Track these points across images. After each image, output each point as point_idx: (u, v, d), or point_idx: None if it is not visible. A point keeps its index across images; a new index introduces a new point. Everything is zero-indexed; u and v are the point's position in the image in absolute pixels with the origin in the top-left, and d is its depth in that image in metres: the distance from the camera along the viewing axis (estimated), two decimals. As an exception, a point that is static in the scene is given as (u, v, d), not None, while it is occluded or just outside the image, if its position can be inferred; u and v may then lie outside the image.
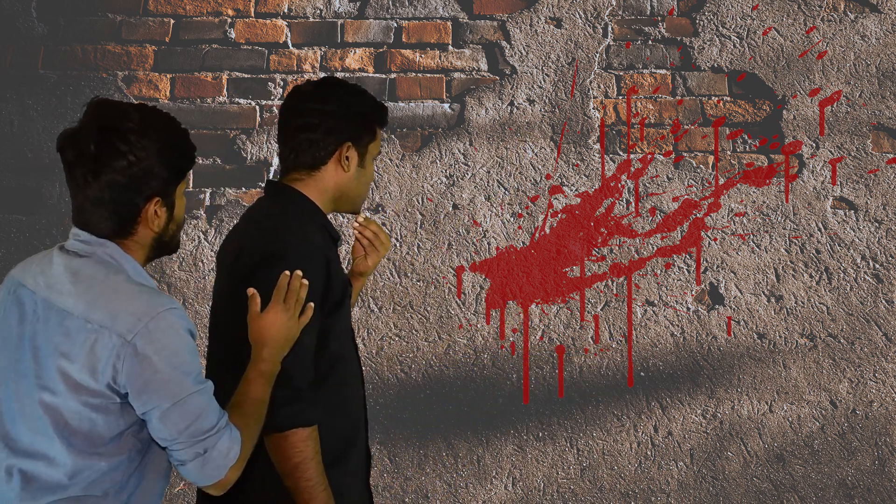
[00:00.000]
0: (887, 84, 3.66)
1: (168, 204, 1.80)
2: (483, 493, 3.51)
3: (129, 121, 1.73)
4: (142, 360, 1.65)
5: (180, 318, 1.70)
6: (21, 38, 3.65)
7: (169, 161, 1.76)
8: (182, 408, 1.67)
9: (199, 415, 1.68)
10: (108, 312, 1.67)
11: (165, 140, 1.75)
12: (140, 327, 1.66)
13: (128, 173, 1.71)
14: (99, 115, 1.74)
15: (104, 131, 1.71)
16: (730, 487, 3.52)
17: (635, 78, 3.68)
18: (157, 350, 1.66)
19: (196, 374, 1.70)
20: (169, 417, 1.67)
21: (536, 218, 3.60)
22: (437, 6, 3.70)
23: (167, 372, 1.66)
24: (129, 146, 1.71)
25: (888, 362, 3.56)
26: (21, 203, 3.59)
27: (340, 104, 2.14)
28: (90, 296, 1.69)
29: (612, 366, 3.56)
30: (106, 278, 1.71)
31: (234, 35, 3.68)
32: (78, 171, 1.73)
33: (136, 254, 1.79)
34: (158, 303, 1.69)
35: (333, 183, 2.15)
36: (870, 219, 3.60)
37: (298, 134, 2.14)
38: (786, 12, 3.69)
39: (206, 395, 1.71)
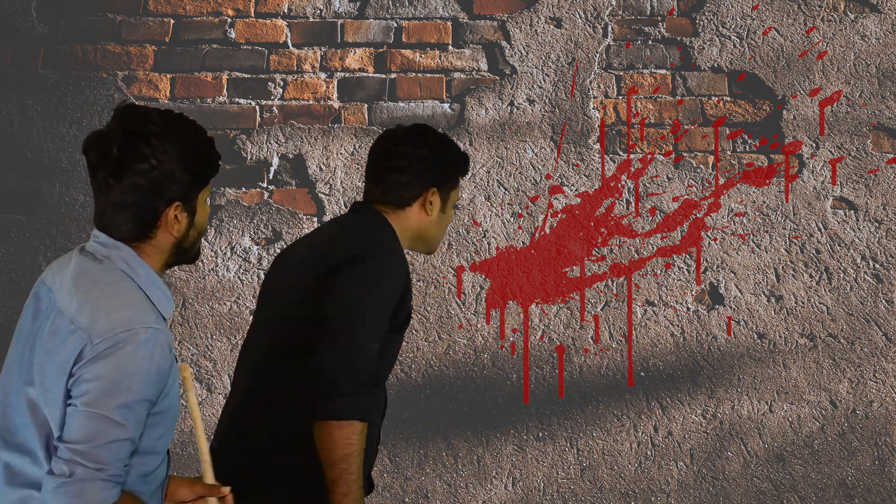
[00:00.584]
0: (887, 84, 3.66)
1: (189, 209, 1.79)
2: (483, 493, 3.51)
3: (152, 124, 1.73)
4: (98, 362, 1.63)
5: (152, 343, 1.65)
6: (21, 38, 3.65)
7: (190, 166, 1.75)
8: (87, 420, 1.61)
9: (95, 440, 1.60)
10: (91, 316, 1.66)
11: (188, 145, 1.75)
12: (110, 335, 1.63)
13: (149, 176, 1.71)
14: (124, 118, 1.74)
15: (127, 134, 1.71)
16: (730, 487, 3.52)
17: (635, 78, 3.68)
18: (113, 360, 1.62)
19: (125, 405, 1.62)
20: (72, 418, 1.62)
21: (536, 218, 3.60)
22: (437, 6, 3.70)
23: (109, 386, 1.62)
24: (151, 149, 1.71)
25: (888, 362, 3.56)
26: (21, 203, 3.59)
27: (431, 151, 2.29)
28: (84, 299, 1.69)
29: (612, 366, 3.56)
30: (108, 285, 1.71)
31: (234, 35, 3.68)
32: (100, 174, 1.72)
33: (154, 258, 1.78)
34: (140, 319, 1.66)
35: (416, 224, 2.29)
36: (870, 219, 3.61)
37: (388, 175, 2.27)
38: (786, 12, 3.69)
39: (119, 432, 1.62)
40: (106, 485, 1.61)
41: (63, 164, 3.60)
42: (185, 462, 3.50)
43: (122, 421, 1.62)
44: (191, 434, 3.51)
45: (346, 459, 2.00)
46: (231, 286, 3.55)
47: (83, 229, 3.57)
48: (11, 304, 3.53)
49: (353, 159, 3.62)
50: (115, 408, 1.62)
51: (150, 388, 1.66)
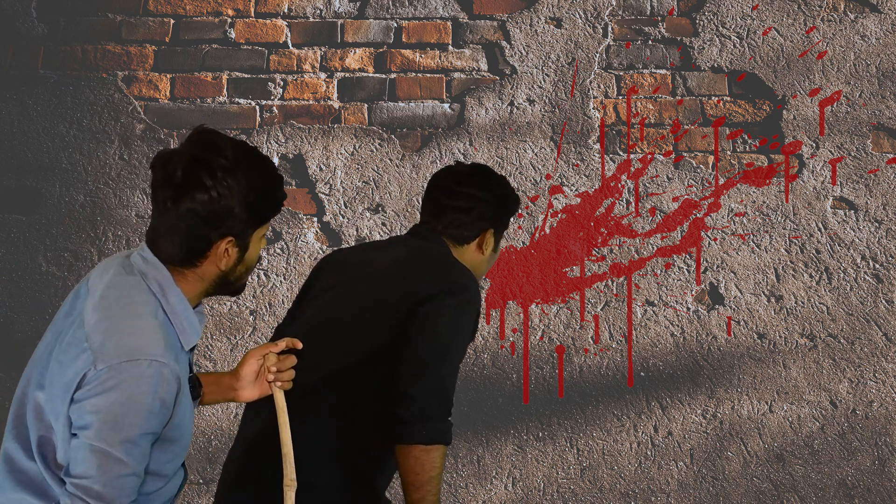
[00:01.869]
0: (887, 84, 3.66)
1: (242, 245, 1.77)
2: (483, 493, 3.51)
3: (221, 157, 1.70)
4: (97, 389, 1.61)
5: (156, 377, 1.63)
6: (21, 38, 3.65)
7: (251, 204, 1.73)
8: (90, 454, 1.60)
9: (98, 475, 1.59)
10: (102, 337, 1.64)
11: (253, 183, 1.73)
12: (114, 362, 1.61)
13: (207, 207, 1.69)
14: (196, 143, 1.72)
15: (194, 162, 1.69)
16: (730, 487, 3.52)
17: (635, 78, 3.68)
18: (115, 393, 1.60)
19: (129, 440, 1.61)
20: (77, 451, 1.61)
21: (536, 218, 3.60)
22: (437, 6, 3.70)
23: (111, 419, 1.60)
24: (214, 181, 1.69)
25: (888, 362, 3.56)
26: (21, 203, 3.59)
27: (493, 194, 2.36)
28: (103, 316, 1.67)
29: (612, 366, 3.56)
30: (129, 304, 1.69)
31: (234, 35, 3.68)
32: (160, 195, 1.71)
33: (193, 285, 1.76)
34: (147, 351, 1.64)
35: (470, 259, 2.36)
36: (870, 219, 3.60)
37: (452, 213, 2.35)
38: (786, 12, 3.69)
39: (123, 468, 1.61)
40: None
41: (63, 164, 3.60)
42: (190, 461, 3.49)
43: (125, 458, 1.61)
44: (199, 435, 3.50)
45: (431, 482, 2.07)
46: (231, 286, 3.55)
47: (83, 229, 3.57)
48: (11, 304, 3.53)
49: (353, 159, 3.62)
50: (119, 442, 1.60)
51: (153, 421, 1.64)
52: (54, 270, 3.55)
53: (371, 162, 3.61)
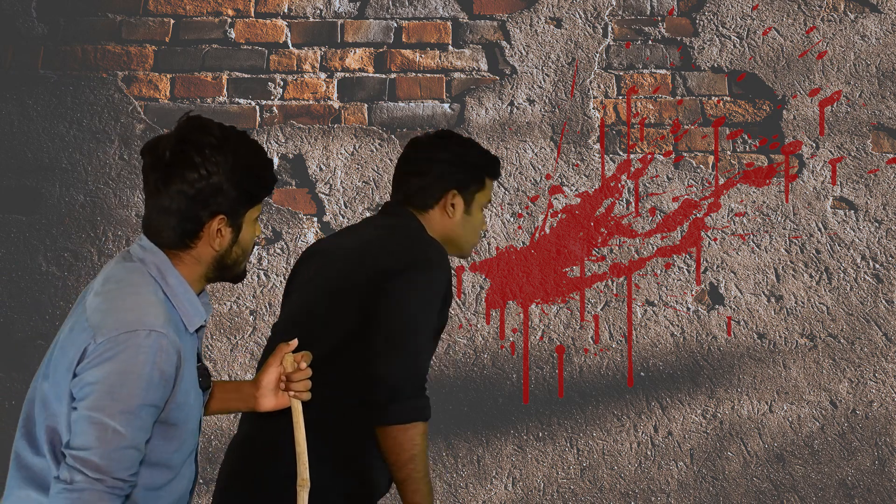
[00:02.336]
0: (887, 84, 3.66)
1: (234, 225, 1.78)
2: (483, 493, 3.51)
3: (210, 136, 1.74)
4: (97, 361, 1.63)
5: (155, 347, 1.63)
6: (21, 38, 3.65)
7: (240, 182, 1.75)
8: (89, 425, 1.60)
9: (96, 447, 1.59)
10: (102, 315, 1.66)
11: (241, 161, 1.75)
12: (113, 334, 1.63)
13: (196, 186, 1.72)
14: (184, 126, 1.76)
15: (182, 142, 1.72)
16: (730, 487, 3.52)
17: (635, 78, 3.68)
18: (113, 363, 1.61)
19: (127, 411, 1.60)
20: (76, 423, 1.61)
21: (536, 218, 3.60)
22: (437, 6, 3.70)
23: (107, 388, 1.60)
24: (202, 159, 1.71)
25: (888, 362, 3.56)
26: (21, 203, 3.59)
27: (452, 154, 2.30)
28: (102, 299, 1.70)
29: (612, 366, 3.56)
30: (129, 285, 1.71)
31: (234, 35, 3.68)
32: (151, 178, 1.74)
33: (191, 269, 1.78)
34: (147, 322, 1.65)
35: (440, 227, 2.29)
36: (870, 219, 3.60)
37: (409, 178, 2.30)
38: (786, 12, 3.69)
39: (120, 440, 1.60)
40: (105, 495, 1.59)
41: (63, 164, 3.60)
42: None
43: (123, 429, 1.60)
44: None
45: (413, 460, 2.05)
46: (231, 286, 3.55)
47: (83, 229, 3.57)
48: (11, 304, 3.53)
49: (353, 159, 3.62)
50: (118, 413, 1.60)
51: (153, 392, 1.64)
52: (54, 270, 3.55)
53: (371, 162, 3.61)
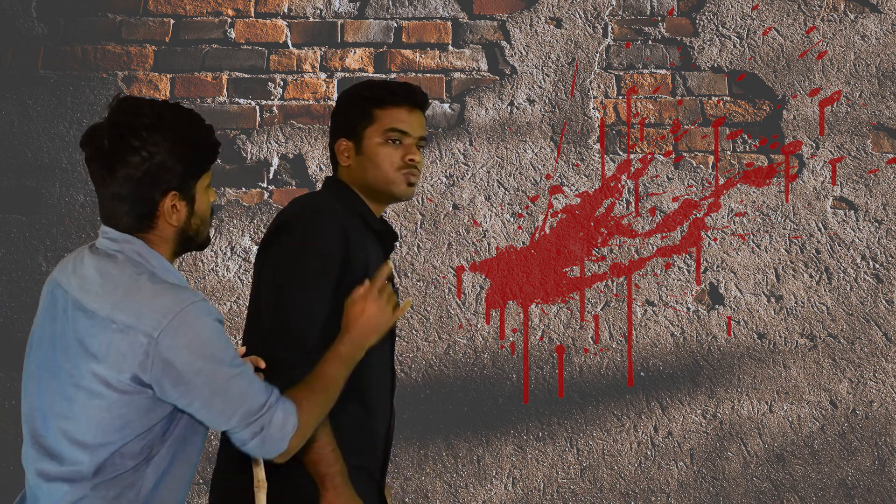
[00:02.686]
0: (887, 84, 3.66)
1: (187, 198, 1.79)
2: (483, 493, 3.51)
3: (143, 116, 1.74)
4: (172, 355, 1.66)
5: (205, 310, 1.71)
6: (21, 38, 3.65)
7: (184, 155, 1.76)
8: (224, 395, 1.70)
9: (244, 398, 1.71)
10: (132, 312, 1.68)
11: (180, 135, 1.76)
12: (165, 324, 1.66)
13: (141, 168, 1.73)
14: (117, 111, 1.76)
15: (118, 127, 1.73)
16: (730, 487, 3.52)
17: (635, 78, 3.68)
18: (186, 344, 1.67)
19: (230, 359, 1.71)
20: (214, 406, 1.70)
21: (536, 218, 3.60)
22: (437, 6, 3.70)
23: (199, 363, 1.67)
24: (141, 141, 1.72)
25: (888, 362, 3.56)
26: (21, 203, 3.59)
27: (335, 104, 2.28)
28: (115, 296, 1.70)
29: (612, 366, 3.56)
30: (131, 278, 1.72)
31: (234, 35, 3.68)
32: (95, 167, 1.75)
33: (162, 248, 1.80)
34: (182, 298, 1.70)
35: (351, 179, 2.23)
36: (870, 219, 3.60)
37: None
38: (786, 12, 3.69)
39: (246, 377, 1.73)
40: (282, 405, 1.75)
41: (63, 164, 3.60)
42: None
43: (240, 370, 1.72)
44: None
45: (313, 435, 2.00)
46: (231, 286, 3.55)
47: (83, 229, 3.57)
48: (11, 304, 3.53)
49: (353, 159, 3.62)
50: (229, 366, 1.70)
51: (225, 343, 1.73)
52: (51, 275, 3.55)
53: (371, 162, 3.61)
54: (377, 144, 2.20)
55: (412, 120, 2.24)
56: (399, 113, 2.23)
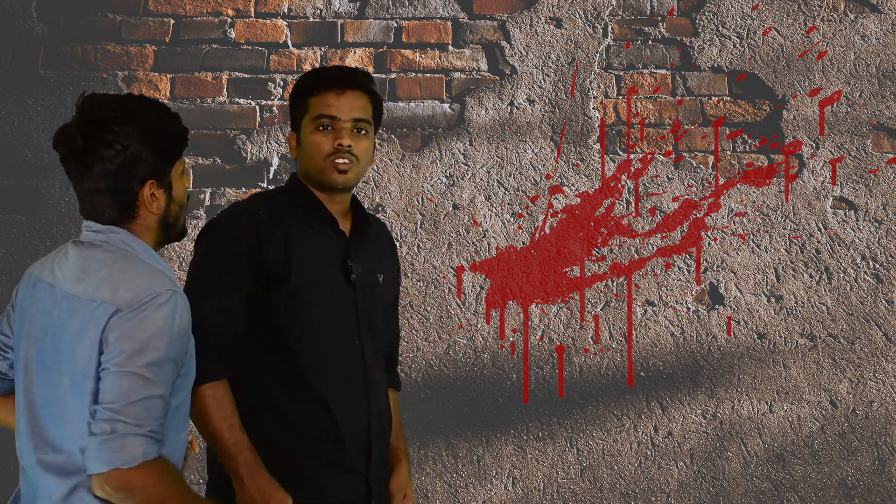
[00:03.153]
0: (887, 84, 3.66)
1: (164, 185, 1.84)
2: (483, 493, 3.51)
3: (110, 111, 1.78)
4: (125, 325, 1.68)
5: (172, 304, 1.71)
6: (21, 38, 3.65)
7: (155, 144, 1.80)
8: (120, 378, 1.65)
9: (129, 397, 1.65)
10: (110, 289, 1.71)
11: (148, 125, 1.80)
12: (136, 302, 1.69)
13: (116, 161, 1.76)
14: (85, 108, 1.80)
15: (89, 124, 1.77)
16: (730, 487, 3.52)
17: (635, 78, 3.68)
18: (137, 321, 1.68)
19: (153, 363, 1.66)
20: (105, 380, 1.67)
21: (536, 218, 3.60)
22: (437, 6, 3.70)
23: (137, 346, 1.67)
24: (113, 135, 1.76)
25: (888, 362, 3.56)
26: (21, 203, 3.59)
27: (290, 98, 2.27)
28: (97, 278, 1.74)
29: (612, 366, 3.56)
30: (115, 262, 1.76)
31: (234, 35, 3.68)
32: (72, 165, 1.80)
33: (146, 237, 1.84)
34: (160, 283, 1.72)
35: (298, 168, 2.24)
36: (870, 219, 3.61)
37: None
38: (786, 12, 3.69)
39: (150, 389, 1.66)
40: (145, 440, 1.65)
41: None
42: (185, 462, 3.50)
43: (152, 377, 1.67)
44: (191, 434, 3.51)
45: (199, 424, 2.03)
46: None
47: (83, 229, 3.57)
48: (11, 304, 3.53)
49: (353, 159, 3.62)
50: (145, 365, 1.66)
51: (174, 347, 1.71)
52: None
53: (371, 162, 3.61)
54: (309, 133, 2.19)
55: (341, 103, 2.17)
56: (326, 98, 2.18)
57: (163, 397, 1.69)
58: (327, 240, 2.18)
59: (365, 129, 2.19)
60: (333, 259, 2.16)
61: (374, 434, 2.20)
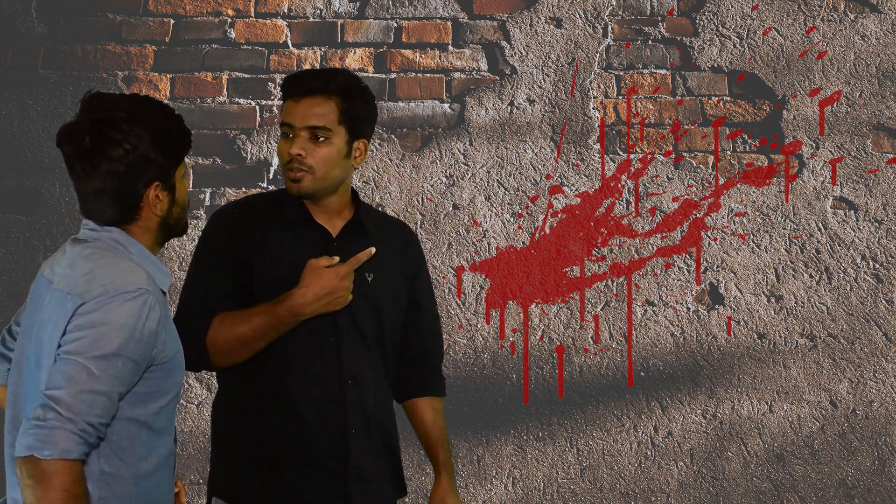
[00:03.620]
0: (887, 84, 3.66)
1: (168, 187, 1.83)
2: (483, 493, 3.51)
3: (119, 111, 1.76)
4: (86, 316, 1.67)
5: (141, 302, 1.69)
6: (21, 38, 3.65)
7: (164, 145, 1.79)
8: (65, 366, 1.63)
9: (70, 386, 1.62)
10: (86, 283, 1.70)
11: (157, 126, 1.79)
12: (103, 297, 1.67)
13: (125, 161, 1.75)
14: (91, 107, 1.78)
15: (97, 123, 1.75)
16: (730, 487, 3.52)
17: (635, 78, 3.68)
18: (98, 313, 1.66)
19: (102, 357, 1.64)
20: (57, 365, 1.65)
21: (536, 218, 3.60)
22: (437, 6, 3.70)
23: (91, 337, 1.65)
24: (122, 135, 1.74)
25: (888, 362, 3.56)
26: (21, 203, 3.59)
27: None
28: (78, 273, 1.73)
29: (612, 366, 3.56)
30: (101, 257, 1.75)
31: (234, 35, 3.68)
32: (77, 164, 1.77)
33: (144, 238, 1.83)
34: (133, 282, 1.70)
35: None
36: (870, 219, 3.61)
37: None
38: (786, 12, 3.69)
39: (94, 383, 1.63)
40: (73, 436, 1.61)
41: (63, 164, 3.59)
42: (185, 462, 3.50)
43: (97, 372, 1.64)
44: (200, 434, 3.51)
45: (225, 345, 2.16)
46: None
47: (83, 229, 3.57)
48: (11, 304, 3.53)
49: (353, 159, 3.62)
50: (93, 357, 1.64)
51: (134, 346, 1.68)
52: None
53: (371, 162, 3.61)
54: (279, 141, 2.22)
55: (297, 110, 2.14)
56: (288, 105, 2.18)
57: (106, 394, 1.64)
58: (303, 239, 2.18)
59: (324, 136, 2.14)
60: (307, 257, 2.15)
61: (355, 432, 2.17)
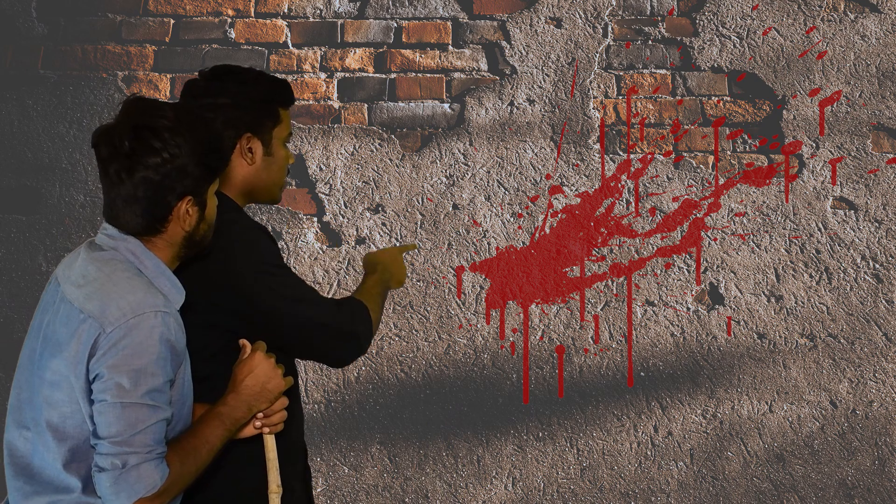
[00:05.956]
0: (887, 84, 3.66)
1: (200, 203, 1.77)
2: (483, 493, 3.51)
3: (163, 118, 1.71)
4: (111, 351, 1.64)
5: (163, 325, 1.66)
6: (21, 38, 3.65)
7: (202, 159, 1.74)
8: (122, 411, 1.62)
9: (135, 427, 1.62)
10: (100, 303, 1.66)
11: (199, 137, 1.74)
12: (122, 322, 1.64)
13: (161, 171, 1.70)
14: (134, 112, 1.72)
15: (139, 129, 1.70)
16: (730, 487, 3.52)
17: (635, 78, 3.68)
18: (126, 346, 1.64)
19: (154, 389, 1.65)
20: (105, 414, 1.63)
21: (536, 218, 3.60)
22: (437, 6, 3.70)
23: (134, 376, 1.63)
24: (163, 143, 1.69)
25: (888, 362, 3.56)
26: (21, 203, 3.59)
27: (233, 95, 2.04)
28: (92, 288, 1.69)
29: (612, 366, 3.56)
30: (114, 272, 1.71)
31: (234, 35, 3.68)
32: (112, 168, 1.71)
33: (164, 251, 1.77)
34: (149, 303, 1.67)
35: (241, 178, 2.06)
36: (870, 219, 3.61)
37: None
38: (786, 12, 3.69)
39: (156, 415, 1.65)
40: (158, 463, 1.63)
41: (63, 164, 3.60)
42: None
43: (154, 403, 1.64)
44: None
45: None
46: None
47: (83, 229, 3.57)
48: (11, 304, 3.53)
49: (353, 159, 3.62)
50: (146, 394, 1.63)
51: (168, 368, 1.67)
52: (54, 270, 3.55)
53: (371, 162, 3.61)
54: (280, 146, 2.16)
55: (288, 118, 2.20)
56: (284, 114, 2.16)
57: (166, 419, 1.67)
58: None
59: None
60: None
61: None
